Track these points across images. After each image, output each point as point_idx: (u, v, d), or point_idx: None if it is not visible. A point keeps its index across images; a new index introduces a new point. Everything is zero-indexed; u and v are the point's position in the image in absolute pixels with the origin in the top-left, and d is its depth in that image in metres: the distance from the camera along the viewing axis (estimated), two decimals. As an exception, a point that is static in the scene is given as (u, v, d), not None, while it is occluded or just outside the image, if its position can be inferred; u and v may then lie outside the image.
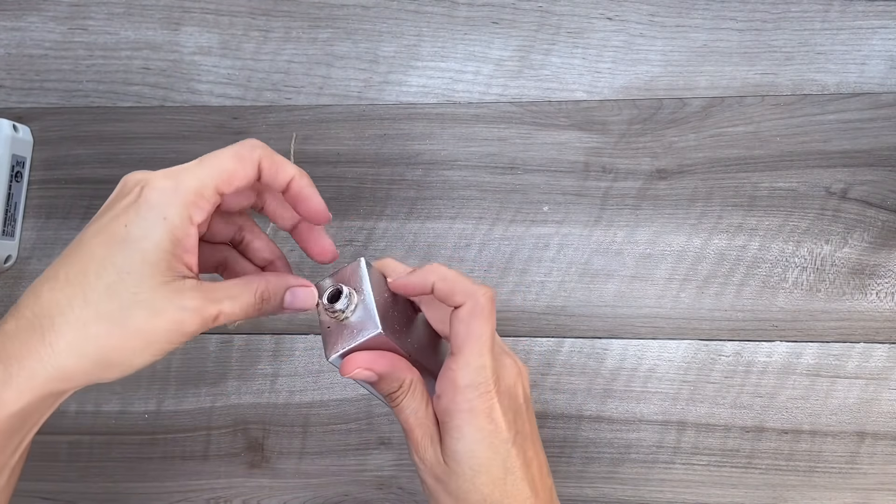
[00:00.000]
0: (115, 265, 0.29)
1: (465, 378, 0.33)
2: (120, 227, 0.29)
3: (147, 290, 0.29)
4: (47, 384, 0.29)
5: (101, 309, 0.29)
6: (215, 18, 0.57)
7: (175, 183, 0.30)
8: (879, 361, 0.51)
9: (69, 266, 0.29)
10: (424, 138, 0.55)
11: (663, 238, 0.53)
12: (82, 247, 0.30)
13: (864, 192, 0.52)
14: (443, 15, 0.56)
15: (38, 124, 0.58)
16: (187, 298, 0.30)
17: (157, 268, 0.29)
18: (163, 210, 0.29)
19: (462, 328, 0.34)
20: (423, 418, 0.35)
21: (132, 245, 0.29)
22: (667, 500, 0.51)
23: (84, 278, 0.29)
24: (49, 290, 0.29)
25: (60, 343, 0.29)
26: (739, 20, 0.54)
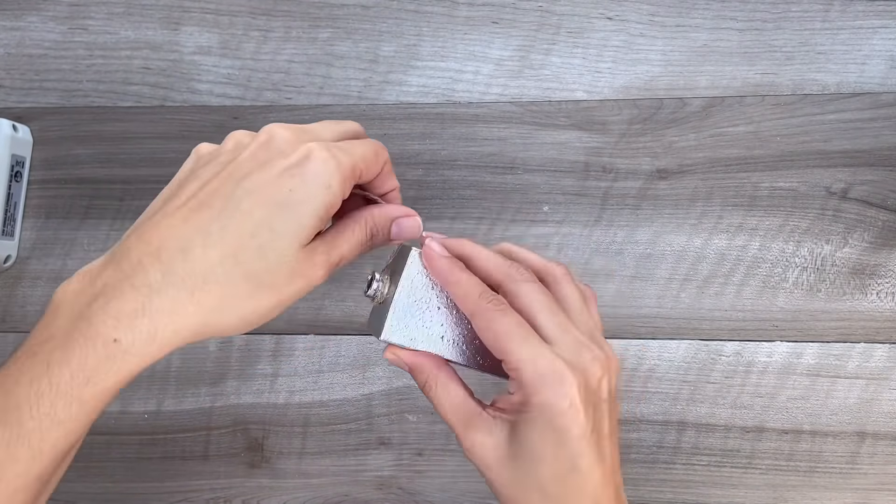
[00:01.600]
0: (272, 228, 0.30)
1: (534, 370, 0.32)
2: (283, 191, 0.30)
3: (292, 252, 0.31)
4: (186, 339, 0.30)
5: (249, 269, 0.30)
6: (215, 18, 0.57)
7: (336, 157, 0.31)
8: (880, 361, 0.51)
9: (223, 222, 0.30)
10: (424, 138, 0.55)
11: (663, 238, 0.53)
12: (235, 203, 0.30)
13: (865, 191, 0.52)
14: (443, 15, 0.56)
15: (37, 124, 0.58)
16: (318, 254, 0.32)
17: (306, 231, 0.31)
18: (327, 180, 0.31)
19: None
20: (458, 409, 0.35)
21: (292, 209, 0.30)
22: (667, 500, 0.51)
23: (238, 238, 0.30)
24: (202, 247, 0.29)
25: (208, 301, 0.29)
26: (740, 20, 0.54)
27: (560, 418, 0.31)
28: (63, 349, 0.28)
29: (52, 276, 0.56)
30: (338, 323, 0.54)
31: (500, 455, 0.33)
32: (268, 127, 0.33)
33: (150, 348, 0.29)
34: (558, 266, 0.36)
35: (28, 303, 0.56)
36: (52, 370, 0.28)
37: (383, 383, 0.53)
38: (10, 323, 0.56)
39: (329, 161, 0.31)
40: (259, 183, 0.30)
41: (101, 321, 0.28)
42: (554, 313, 0.33)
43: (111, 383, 0.29)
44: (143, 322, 0.29)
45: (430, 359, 0.36)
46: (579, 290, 0.36)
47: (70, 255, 0.56)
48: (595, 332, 0.35)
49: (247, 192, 0.30)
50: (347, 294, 0.54)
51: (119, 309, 0.29)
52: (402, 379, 0.53)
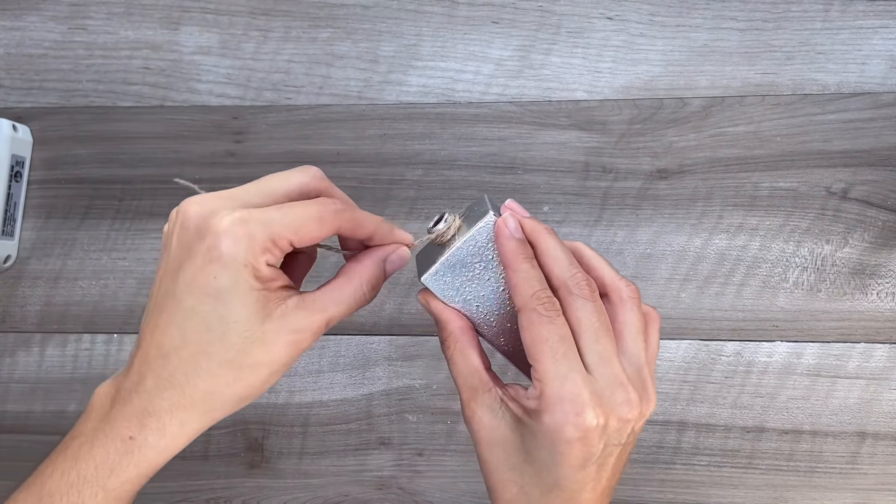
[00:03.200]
0: (220, 317, 0.30)
1: (557, 390, 0.31)
2: (210, 280, 0.30)
3: (256, 328, 0.31)
4: (196, 429, 0.33)
5: (222, 358, 0.31)
6: (215, 18, 0.57)
7: (248, 232, 0.30)
8: (880, 361, 0.50)
9: (179, 324, 0.31)
10: (424, 138, 0.55)
11: (663, 238, 0.53)
12: (180, 302, 0.31)
13: (865, 191, 0.52)
14: (443, 15, 0.56)
15: (37, 124, 0.57)
16: (293, 320, 0.32)
17: (256, 306, 0.31)
18: (242, 258, 0.30)
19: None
20: (469, 376, 0.35)
21: (226, 296, 0.30)
22: (667, 500, 0.51)
23: (198, 335, 0.31)
24: (174, 351, 0.31)
25: (198, 395, 0.31)
26: (740, 20, 0.54)
27: (564, 445, 0.31)
28: (89, 446, 0.32)
29: (52, 276, 0.56)
30: (338, 323, 0.54)
31: (495, 437, 0.33)
32: (182, 205, 0.32)
33: (161, 442, 0.32)
34: (628, 286, 0.35)
35: (28, 303, 0.56)
36: (80, 463, 0.31)
37: (383, 383, 0.53)
38: (9, 323, 0.56)
39: (240, 239, 0.30)
40: (189, 276, 0.30)
41: (119, 423, 0.32)
42: (599, 339, 0.32)
43: (132, 474, 0.32)
44: (150, 421, 0.31)
45: (457, 318, 0.36)
46: (641, 317, 0.34)
47: (70, 255, 0.56)
48: (643, 368, 0.33)
49: (184, 287, 0.31)
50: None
51: (130, 412, 0.32)
52: (402, 379, 0.53)
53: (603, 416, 0.31)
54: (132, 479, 0.32)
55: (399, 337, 0.54)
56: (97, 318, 0.56)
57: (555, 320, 0.32)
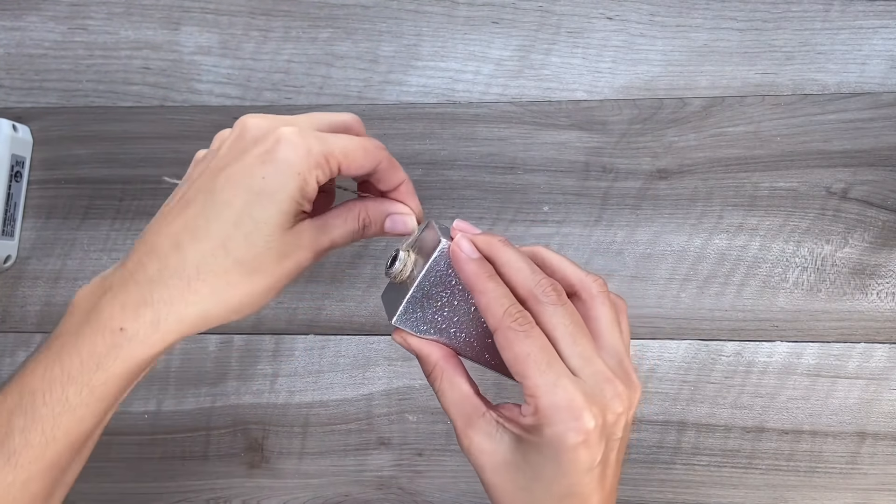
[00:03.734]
0: (252, 216, 0.31)
1: (551, 401, 0.31)
2: (257, 179, 0.31)
3: (277, 237, 0.32)
4: (190, 328, 0.32)
5: (238, 257, 0.31)
6: (215, 18, 0.57)
7: (307, 144, 0.32)
8: (880, 362, 0.50)
9: (207, 215, 0.31)
10: (424, 138, 0.55)
11: (663, 238, 0.53)
12: (216, 195, 0.31)
13: (865, 191, 0.52)
14: (443, 15, 0.56)
15: (37, 124, 0.57)
16: (307, 237, 0.33)
17: (287, 216, 0.32)
18: (297, 166, 0.31)
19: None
20: (461, 404, 0.35)
21: (268, 197, 0.31)
22: (667, 500, 0.51)
23: (224, 229, 0.31)
24: (191, 241, 0.31)
25: (204, 290, 0.31)
26: (740, 20, 0.54)
27: (570, 453, 0.31)
28: (74, 339, 0.30)
29: (52, 276, 0.56)
30: (338, 323, 0.54)
31: (497, 461, 0.33)
32: (242, 118, 0.33)
33: (154, 336, 0.31)
34: (594, 281, 0.35)
35: (28, 303, 0.56)
36: (63, 358, 0.30)
37: (383, 383, 0.53)
38: (9, 323, 0.56)
39: (299, 147, 0.31)
40: (235, 172, 0.31)
41: (108, 313, 0.30)
42: (577, 341, 0.32)
43: (119, 369, 0.31)
44: (146, 311, 0.31)
45: (437, 348, 0.36)
46: (612, 309, 0.34)
47: (70, 255, 0.56)
48: (623, 358, 0.34)
49: (226, 182, 0.31)
50: (347, 294, 0.54)
51: (123, 301, 0.31)
52: (402, 379, 0.53)
53: (599, 414, 0.31)
54: (118, 375, 0.31)
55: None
56: (97, 318, 0.55)
57: (531, 333, 0.32)
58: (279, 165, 0.31)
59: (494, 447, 0.33)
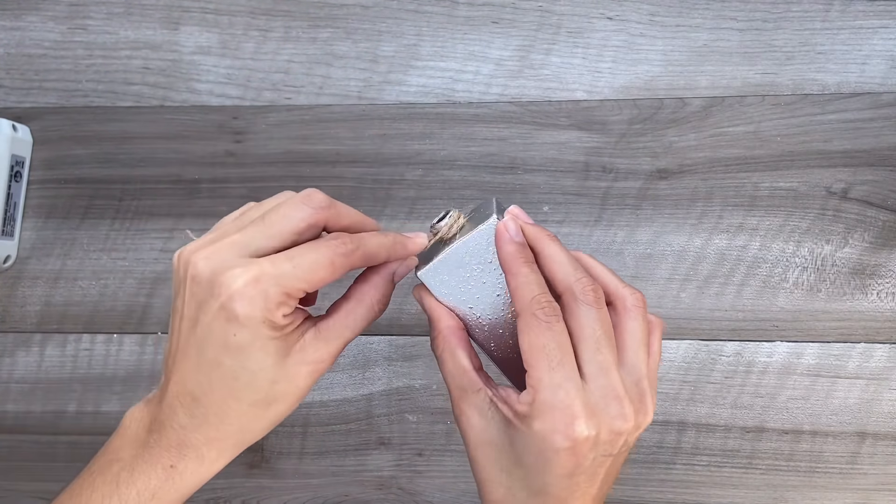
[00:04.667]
0: (244, 368, 0.31)
1: (549, 398, 0.31)
2: (229, 337, 0.31)
3: (279, 370, 0.32)
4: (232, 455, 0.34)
5: (252, 399, 0.32)
6: (215, 18, 0.57)
7: (262, 291, 0.30)
8: (880, 362, 0.50)
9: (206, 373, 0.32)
10: (424, 138, 0.55)
11: (663, 238, 0.53)
12: (203, 353, 0.31)
13: (865, 191, 0.52)
14: (443, 14, 0.56)
15: (37, 124, 0.57)
16: (311, 352, 0.33)
17: (278, 353, 0.31)
18: (259, 317, 0.30)
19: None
20: (459, 376, 0.35)
21: (247, 350, 0.31)
22: (667, 500, 0.51)
23: (226, 384, 0.32)
24: (205, 394, 0.32)
25: (232, 429, 0.33)
26: (740, 20, 0.54)
27: (553, 453, 0.31)
28: (129, 471, 0.33)
29: (52, 276, 0.56)
30: (338, 323, 0.54)
31: (483, 438, 0.33)
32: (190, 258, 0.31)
33: (201, 469, 0.33)
34: (633, 294, 0.34)
35: (28, 303, 0.56)
36: (121, 489, 0.32)
37: (383, 383, 0.53)
38: (9, 323, 0.56)
39: (254, 300, 0.30)
40: (207, 331, 0.31)
41: (158, 453, 0.33)
42: (600, 349, 0.31)
43: (173, 498, 0.33)
44: (189, 452, 0.33)
45: (449, 317, 0.36)
46: (645, 327, 0.34)
47: (70, 255, 0.56)
48: (643, 380, 0.33)
49: (203, 342, 0.31)
50: (347, 294, 0.54)
51: (168, 443, 0.33)
52: (402, 379, 0.53)
53: (594, 427, 0.30)
54: (172, 502, 0.33)
55: (399, 337, 0.54)
56: (97, 318, 0.55)
57: (553, 326, 0.31)
58: (241, 322, 0.30)
59: (484, 424, 0.33)
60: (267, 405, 0.32)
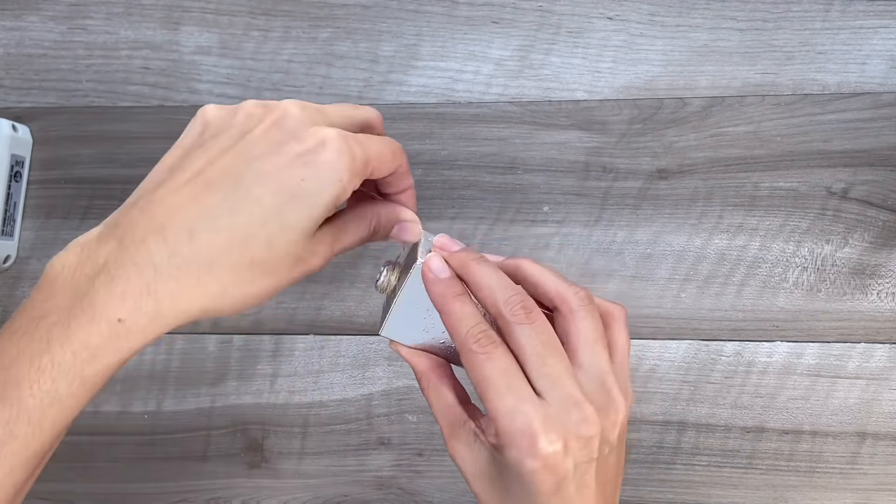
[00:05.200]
0: (282, 218, 0.29)
1: (508, 425, 0.30)
2: (294, 181, 0.29)
3: (299, 242, 0.30)
4: (187, 320, 0.30)
5: (256, 257, 0.29)
6: (215, 18, 0.57)
7: (352, 151, 0.30)
8: (880, 362, 0.50)
9: (232, 205, 0.29)
10: (424, 138, 0.55)
11: (664, 238, 0.53)
12: (246, 187, 0.29)
13: (865, 191, 0.52)
14: (443, 14, 0.56)
15: (37, 124, 0.57)
16: (322, 244, 0.32)
17: (316, 223, 0.30)
18: (339, 173, 0.30)
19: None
20: (446, 413, 0.35)
21: (303, 200, 0.30)
22: (667, 500, 0.51)
23: (248, 226, 0.29)
24: (209, 231, 0.29)
25: (212, 286, 0.29)
26: (740, 20, 0.54)
27: (529, 476, 0.30)
28: (64, 327, 0.28)
29: (52, 276, 0.56)
30: (338, 323, 0.54)
31: (476, 470, 0.33)
32: (283, 104, 0.31)
33: (153, 327, 0.29)
34: (575, 294, 0.33)
35: (28, 303, 0.56)
36: (54, 347, 0.28)
37: (383, 383, 0.53)
38: (9, 323, 0.56)
39: (344, 153, 0.30)
40: (271, 167, 0.29)
41: (105, 301, 0.28)
42: (545, 362, 0.31)
43: (113, 360, 0.29)
44: (147, 302, 0.28)
45: (425, 359, 0.36)
46: (595, 323, 0.33)
47: (70, 255, 0.56)
48: (605, 375, 0.32)
49: (258, 175, 0.29)
50: (347, 294, 0.54)
51: (123, 289, 0.28)
52: (402, 379, 0.53)
53: (559, 440, 0.30)
54: (111, 366, 0.29)
55: (399, 337, 0.54)
56: (97, 318, 0.55)
57: (492, 355, 0.31)
58: (322, 170, 0.29)
59: (474, 457, 0.33)
60: (262, 273, 0.30)
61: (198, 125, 0.33)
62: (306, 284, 0.54)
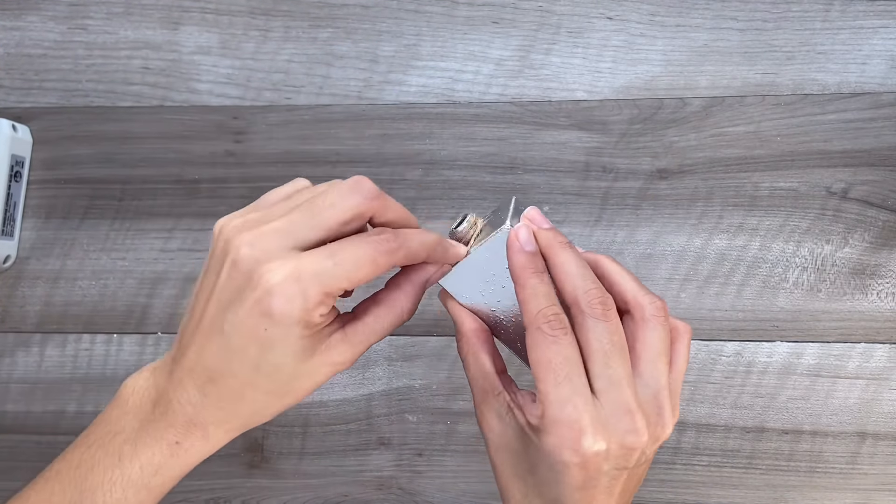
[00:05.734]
0: (268, 361, 0.30)
1: (557, 413, 0.30)
2: (260, 330, 0.30)
3: (302, 367, 0.31)
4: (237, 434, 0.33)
5: (270, 388, 0.32)
6: (215, 18, 0.57)
7: (301, 290, 0.29)
8: (880, 362, 0.50)
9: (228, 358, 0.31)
10: (424, 138, 0.55)
11: (664, 238, 0.53)
12: (228, 339, 0.30)
13: (865, 191, 0.52)
14: (443, 14, 0.56)
15: (37, 124, 0.57)
16: (336, 354, 0.32)
17: (304, 352, 0.31)
18: (295, 316, 0.29)
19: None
20: (481, 379, 0.34)
21: (276, 345, 0.30)
22: (667, 500, 0.51)
23: (247, 371, 0.31)
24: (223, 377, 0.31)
25: (243, 412, 0.32)
26: (740, 20, 0.54)
27: (562, 466, 0.30)
28: (132, 445, 0.32)
29: (52, 276, 0.56)
30: (338, 323, 0.54)
31: (502, 442, 0.33)
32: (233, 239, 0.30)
33: (205, 447, 0.33)
34: (652, 303, 0.32)
35: (28, 303, 0.56)
36: (124, 463, 0.32)
37: (383, 383, 0.53)
38: (9, 323, 0.56)
39: (292, 299, 0.29)
40: (238, 319, 0.30)
41: (164, 427, 0.32)
42: (610, 363, 0.30)
43: (176, 473, 0.33)
44: (196, 430, 0.32)
45: (472, 320, 0.36)
46: (665, 336, 0.32)
47: (70, 255, 0.56)
48: (661, 391, 0.32)
49: (233, 327, 0.30)
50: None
51: (174, 420, 0.32)
52: (402, 379, 0.53)
53: (604, 441, 0.30)
54: (174, 478, 0.33)
55: (399, 337, 0.53)
56: (97, 318, 0.55)
57: (560, 340, 0.31)
58: (276, 319, 0.29)
59: (503, 428, 0.33)
60: (282, 395, 0.32)
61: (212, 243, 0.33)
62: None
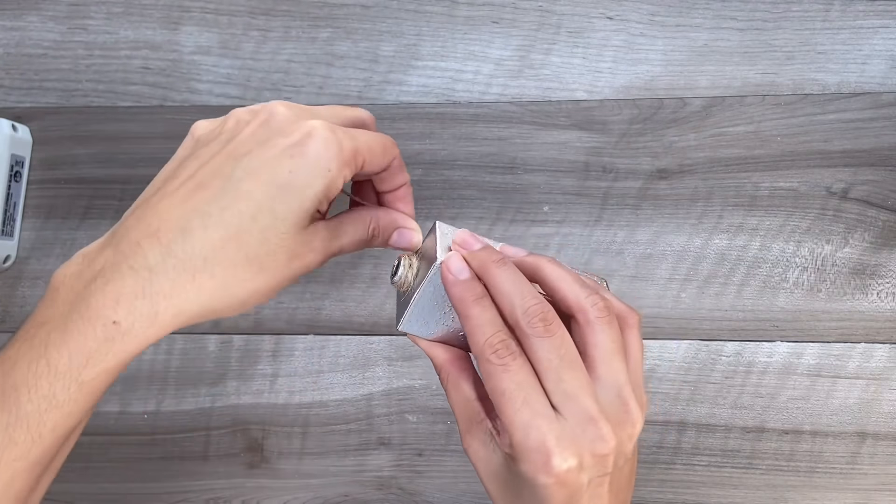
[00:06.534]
0: (272, 211, 0.29)
1: (523, 439, 0.29)
2: (282, 173, 0.29)
3: (293, 235, 0.30)
4: (186, 322, 0.30)
5: (251, 252, 0.29)
6: (215, 18, 0.57)
7: (339, 140, 0.30)
8: (880, 362, 0.50)
9: (223, 203, 0.29)
10: (424, 138, 0.55)
11: (664, 238, 0.53)
12: (235, 183, 0.29)
13: (865, 191, 0.52)
14: (443, 14, 0.56)
15: (37, 124, 0.57)
16: (318, 240, 0.32)
17: (307, 214, 0.30)
18: (327, 162, 0.30)
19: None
20: (463, 408, 0.34)
21: (293, 192, 0.29)
22: (667, 500, 0.51)
23: (239, 220, 0.29)
24: (202, 228, 0.29)
25: (208, 285, 0.29)
26: (740, 20, 0.54)
27: (542, 489, 0.30)
28: (61, 331, 0.28)
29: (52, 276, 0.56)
30: (338, 323, 0.54)
31: (490, 470, 0.33)
32: (269, 104, 0.32)
33: (150, 330, 0.29)
34: (594, 304, 0.32)
35: (28, 303, 0.56)
36: (50, 352, 0.28)
37: (383, 383, 0.53)
38: (9, 323, 0.56)
39: (331, 143, 0.30)
40: (259, 162, 0.30)
41: (100, 303, 0.28)
42: (562, 378, 0.30)
43: (111, 364, 0.29)
44: (142, 304, 0.28)
45: (444, 351, 0.36)
46: (615, 334, 0.32)
47: (69, 255, 0.56)
48: (623, 388, 0.31)
49: (247, 171, 0.30)
50: (347, 294, 0.54)
51: (118, 291, 0.28)
52: (402, 379, 0.53)
53: (574, 456, 0.29)
54: (109, 370, 0.29)
55: (399, 337, 0.53)
56: (97, 318, 0.55)
57: (509, 367, 0.30)
58: (309, 161, 0.29)
59: (489, 456, 0.33)
60: (259, 269, 0.30)
61: (190, 139, 0.33)
62: (306, 284, 0.54)
